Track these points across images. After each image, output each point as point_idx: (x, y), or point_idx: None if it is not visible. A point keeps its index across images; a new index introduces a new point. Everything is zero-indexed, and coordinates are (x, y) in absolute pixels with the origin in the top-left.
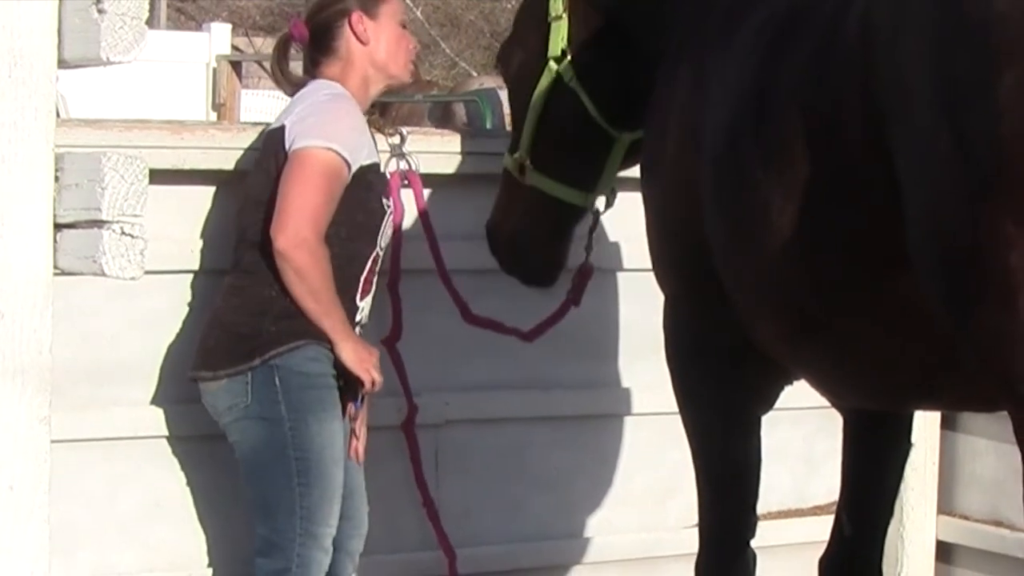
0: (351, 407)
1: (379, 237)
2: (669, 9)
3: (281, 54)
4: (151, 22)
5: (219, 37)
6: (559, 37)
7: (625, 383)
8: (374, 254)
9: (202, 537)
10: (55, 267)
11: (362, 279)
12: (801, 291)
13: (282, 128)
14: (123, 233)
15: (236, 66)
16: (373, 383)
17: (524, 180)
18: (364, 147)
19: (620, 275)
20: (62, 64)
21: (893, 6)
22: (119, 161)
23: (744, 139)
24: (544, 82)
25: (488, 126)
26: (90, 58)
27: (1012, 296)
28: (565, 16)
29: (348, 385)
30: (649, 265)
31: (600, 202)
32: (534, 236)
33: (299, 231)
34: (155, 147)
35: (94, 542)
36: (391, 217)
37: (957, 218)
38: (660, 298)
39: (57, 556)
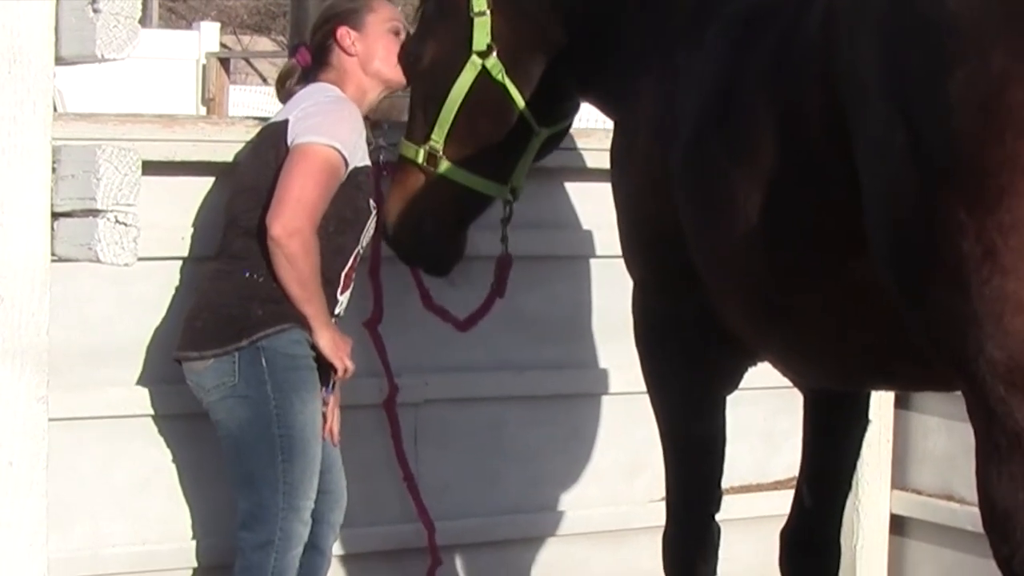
0: (323, 392)
1: (363, 235)
2: (612, 19)
3: (283, 80)
4: (143, 21)
5: (208, 35)
6: (484, 33)
7: (596, 364)
8: (356, 250)
9: (190, 510)
10: (52, 254)
11: (343, 274)
12: (765, 276)
13: (285, 122)
14: (117, 222)
15: (225, 63)
16: (346, 370)
17: (433, 170)
18: (360, 149)
19: (592, 261)
20: (59, 61)
21: (852, 5)
22: (113, 153)
23: (712, 131)
24: (467, 76)
25: None
26: (86, 55)
27: (965, 281)
28: (488, 12)
29: (322, 370)
30: (619, 252)
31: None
32: (440, 225)
33: (295, 221)
34: (147, 140)
35: (89, 515)
36: (375, 218)
37: (912, 207)
38: (629, 283)
39: (54, 528)
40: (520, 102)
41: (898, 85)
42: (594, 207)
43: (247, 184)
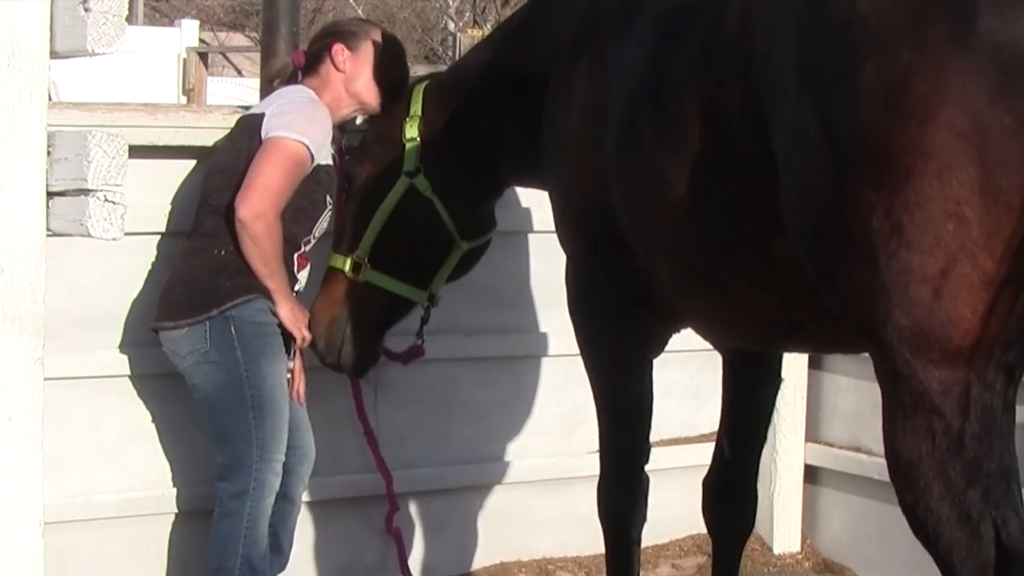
0: (285, 358)
1: (315, 227)
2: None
3: (274, 77)
4: (130, 19)
5: (188, 32)
6: (414, 156)
7: (537, 329)
8: (307, 238)
9: (173, 462)
10: (48, 229)
11: (296, 256)
12: (691, 252)
13: (262, 115)
14: (106, 200)
15: (203, 57)
16: (304, 339)
17: (358, 278)
18: (326, 148)
19: (530, 236)
20: (53, 55)
21: (768, 5)
22: (103, 138)
23: (643, 118)
24: (397, 191)
25: None
26: (78, 50)
27: (874, 255)
28: (419, 139)
29: (284, 338)
30: (553, 227)
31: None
32: (361, 328)
33: (261, 205)
34: (134, 126)
35: (81, 467)
36: (329, 214)
37: (825, 189)
38: (563, 257)
39: (49, 479)
40: (445, 215)
41: (812, 78)
42: (531, 188)
43: (220, 168)
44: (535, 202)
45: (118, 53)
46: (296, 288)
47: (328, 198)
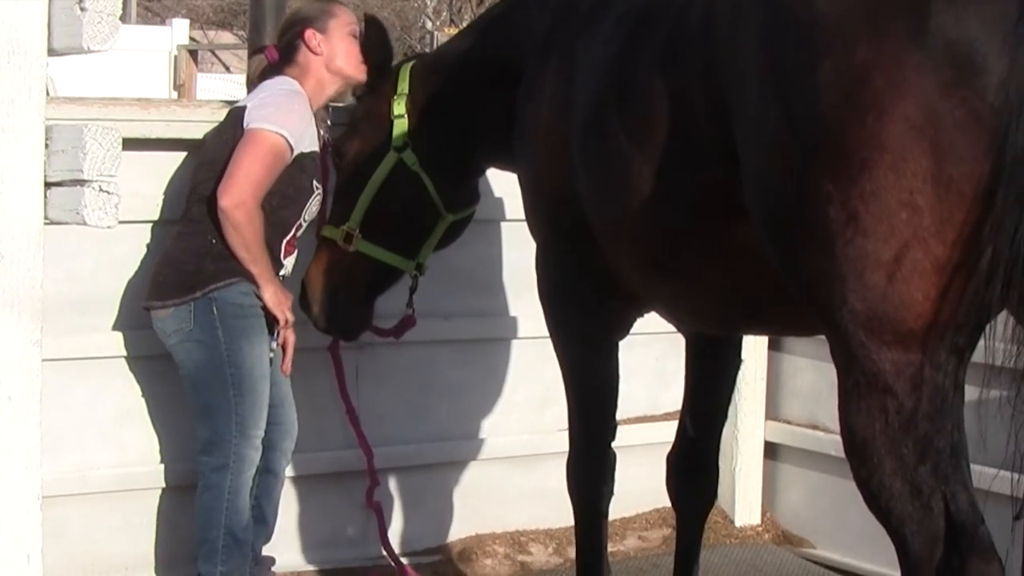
0: (269, 339)
1: (304, 211)
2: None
3: (253, 79)
4: (124, 18)
5: (179, 30)
6: (401, 131)
7: (509, 313)
8: (298, 223)
9: (165, 439)
10: (45, 218)
11: (285, 242)
12: (655, 239)
13: (244, 108)
14: (101, 190)
15: (193, 54)
16: (287, 320)
17: (349, 248)
18: (307, 137)
19: (502, 224)
20: (51, 52)
21: (731, 6)
22: (98, 131)
23: (610, 112)
24: (386, 166)
25: None
26: (74, 47)
27: (830, 242)
28: (406, 115)
29: (268, 320)
30: (524, 216)
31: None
32: (352, 294)
33: (241, 194)
34: (127, 120)
35: (77, 444)
36: (318, 196)
37: (785, 180)
38: (534, 244)
39: (47, 455)
40: (432, 189)
41: (773, 73)
42: (504, 178)
43: (207, 159)
44: (508, 191)
45: (112, 50)
46: (282, 273)
47: (314, 183)
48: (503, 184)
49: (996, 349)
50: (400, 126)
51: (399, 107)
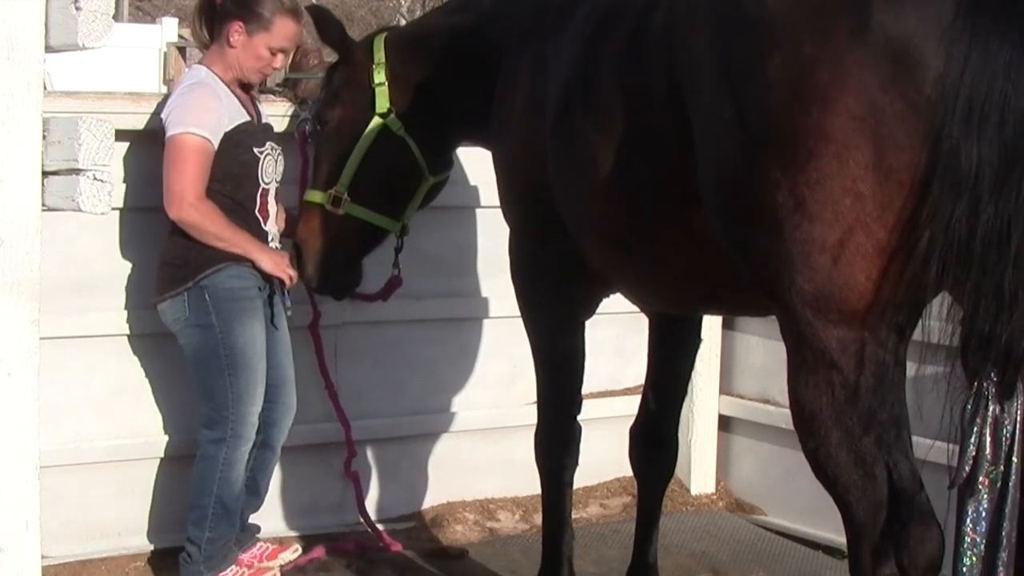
0: (283, 299)
1: (260, 177)
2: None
3: (200, 15)
4: (116, 16)
5: (169, 28)
6: (384, 99)
7: (480, 294)
8: (262, 190)
9: (156, 412)
10: (43, 205)
11: (257, 211)
12: (619, 224)
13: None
14: (95, 179)
15: (182, 51)
16: (291, 278)
17: (338, 211)
18: (225, 116)
19: (477, 211)
20: (48, 49)
21: (687, 6)
22: (92, 123)
23: (576, 105)
24: (371, 132)
25: None
26: (70, 45)
27: (779, 227)
28: (387, 84)
29: (273, 286)
30: (498, 203)
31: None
32: (345, 255)
33: (181, 202)
34: (120, 113)
35: (73, 417)
36: (268, 159)
37: (737, 168)
38: (506, 229)
39: (44, 428)
40: (417, 152)
41: (726, 68)
42: (479, 168)
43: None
44: (481, 180)
45: (106, 47)
46: (271, 236)
47: (255, 149)
48: (477, 173)
49: (932, 328)
50: (382, 94)
51: (379, 76)
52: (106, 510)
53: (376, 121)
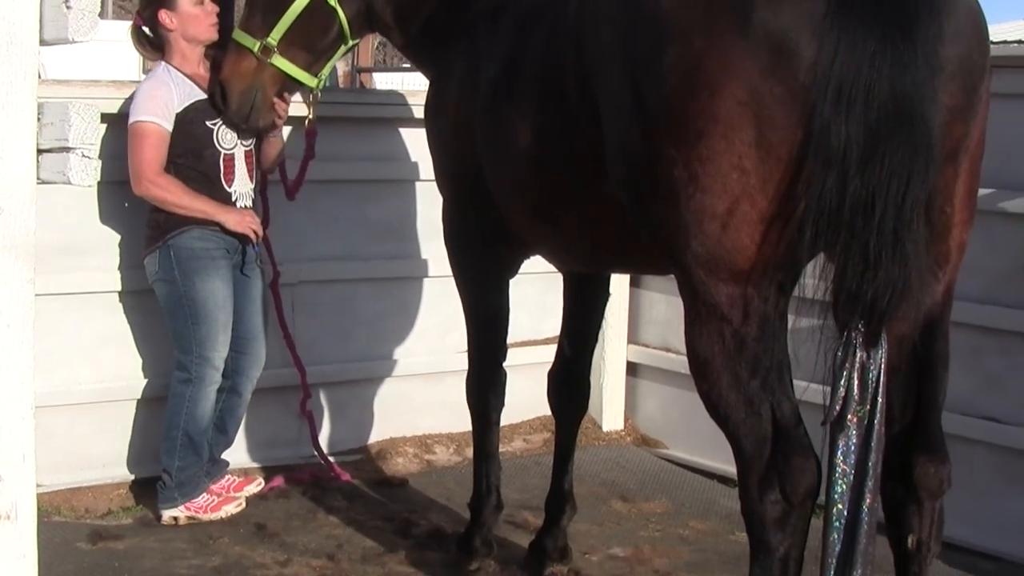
0: (254, 249)
1: (217, 144)
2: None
3: (138, 41)
4: (102, 14)
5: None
6: None
7: (419, 256)
8: (221, 156)
9: (136, 359)
10: (38, 178)
11: (223, 176)
12: (539, 195)
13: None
14: (83, 156)
15: None
16: (257, 236)
17: (266, 60)
18: (172, 101)
19: (416, 184)
20: (42, 43)
21: (594, 4)
22: (81, 107)
23: (503, 91)
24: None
25: (328, 85)
26: (61, 39)
27: (675, 197)
28: None
29: (243, 242)
30: (433, 177)
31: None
32: (264, 99)
33: (141, 178)
34: (105, 98)
35: (64, 364)
36: (223, 128)
37: (638, 146)
38: (440, 199)
39: (39, 372)
40: (344, 22)
41: (628, 59)
42: (418, 145)
43: None
44: (420, 156)
45: (92, 41)
46: (237, 195)
47: (207, 122)
48: (416, 150)
49: (808, 285)
50: None
51: None
52: (93, 444)
53: None
